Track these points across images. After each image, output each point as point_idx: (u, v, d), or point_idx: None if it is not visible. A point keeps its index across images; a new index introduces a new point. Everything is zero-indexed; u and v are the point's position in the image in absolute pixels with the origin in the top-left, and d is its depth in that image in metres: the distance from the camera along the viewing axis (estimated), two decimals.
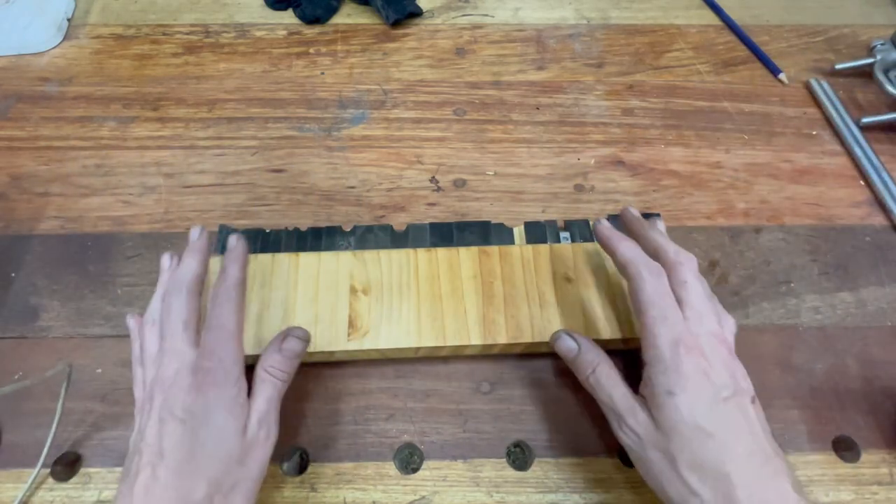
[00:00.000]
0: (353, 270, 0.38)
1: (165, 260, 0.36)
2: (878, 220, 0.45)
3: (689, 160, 0.48)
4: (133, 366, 0.33)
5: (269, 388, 0.31)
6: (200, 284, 0.33)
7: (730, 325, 0.32)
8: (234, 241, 0.35)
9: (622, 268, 0.32)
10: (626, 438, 0.30)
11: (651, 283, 0.30)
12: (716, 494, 0.26)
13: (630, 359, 0.38)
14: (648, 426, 0.29)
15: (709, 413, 0.28)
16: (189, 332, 0.31)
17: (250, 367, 0.32)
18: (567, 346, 0.34)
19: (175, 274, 0.33)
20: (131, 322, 0.35)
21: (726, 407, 0.28)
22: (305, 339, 0.34)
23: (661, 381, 0.29)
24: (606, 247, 0.34)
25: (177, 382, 0.29)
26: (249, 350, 0.34)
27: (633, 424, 0.29)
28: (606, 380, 0.31)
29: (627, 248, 0.32)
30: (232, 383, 0.30)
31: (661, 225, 0.38)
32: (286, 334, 0.33)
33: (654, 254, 0.33)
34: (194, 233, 0.35)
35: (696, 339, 0.29)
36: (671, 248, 0.32)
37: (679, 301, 0.31)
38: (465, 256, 0.39)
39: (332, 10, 0.58)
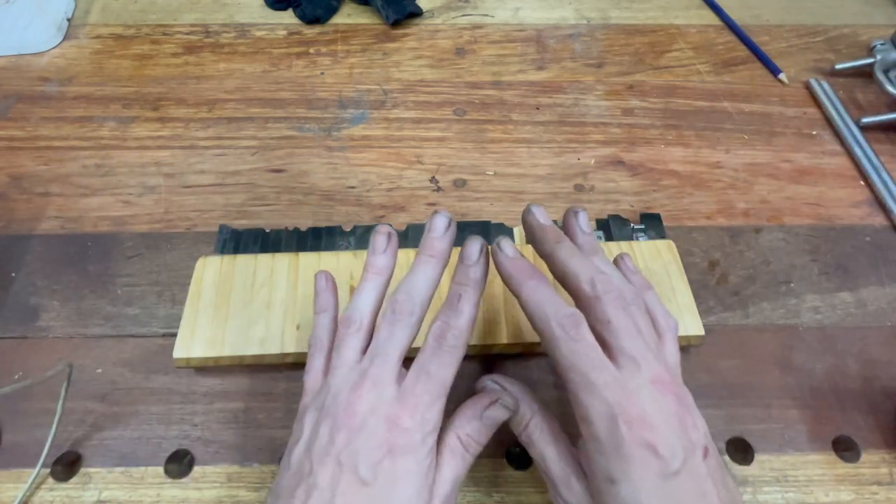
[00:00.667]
0: (353, 270, 0.38)
1: (380, 241, 0.29)
2: (878, 220, 0.45)
3: (689, 160, 0.48)
4: (311, 349, 0.29)
5: (459, 464, 0.26)
6: (430, 302, 0.28)
7: (670, 349, 0.28)
8: (476, 252, 0.28)
9: (528, 317, 0.26)
10: None
11: (565, 343, 0.25)
12: None
13: None
14: (584, 500, 0.25)
15: (656, 495, 0.23)
16: (400, 364, 0.27)
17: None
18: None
19: (408, 283, 0.28)
20: (322, 282, 0.30)
21: (677, 481, 0.23)
22: (513, 409, 0.28)
23: (601, 465, 0.24)
24: (509, 286, 0.28)
25: (368, 428, 0.24)
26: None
27: (566, 495, 0.26)
28: (539, 435, 0.27)
29: (532, 292, 0.26)
30: (427, 452, 0.25)
31: (583, 220, 0.31)
32: (491, 400, 0.28)
33: (564, 283, 0.27)
34: (439, 225, 0.29)
35: (636, 401, 0.24)
36: (584, 277, 0.26)
37: (606, 346, 0.25)
38: None
39: (332, 10, 0.58)
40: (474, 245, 0.28)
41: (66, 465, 0.34)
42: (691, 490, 0.23)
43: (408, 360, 0.27)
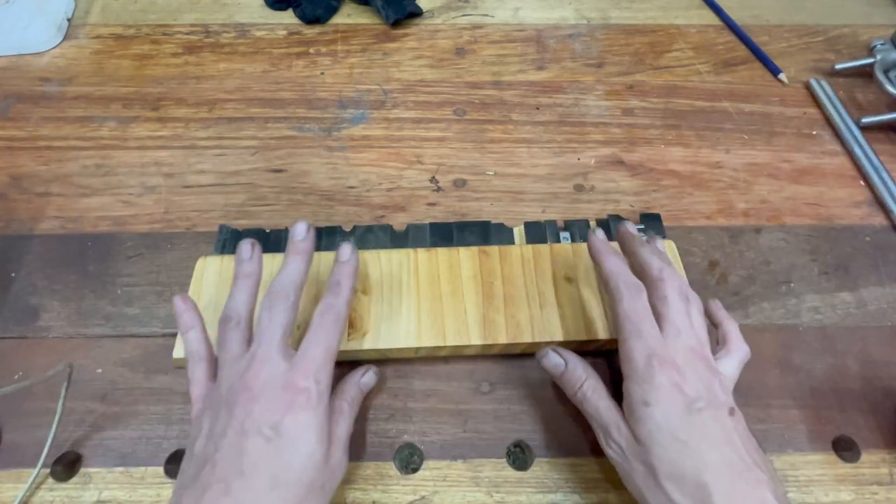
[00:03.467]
0: None
1: (245, 249, 0.33)
2: (878, 220, 0.45)
3: (689, 160, 0.48)
4: (190, 363, 0.32)
5: (347, 420, 0.31)
6: (302, 290, 0.32)
7: (741, 353, 0.33)
8: (348, 252, 0.33)
9: (605, 282, 0.33)
10: (610, 451, 0.30)
11: (628, 300, 0.31)
12: (694, 503, 0.27)
13: None
14: (630, 438, 0.29)
15: (683, 423, 0.28)
16: (284, 342, 0.30)
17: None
18: (554, 363, 0.34)
19: (281, 275, 0.31)
20: (180, 304, 0.33)
21: (701, 417, 0.28)
22: (379, 375, 0.36)
23: (637, 393, 0.29)
24: (595, 259, 0.34)
25: (265, 395, 0.28)
26: None
27: (616, 437, 0.30)
28: (593, 394, 0.32)
29: (613, 264, 0.33)
30: (324, 408, 0.29)
31: (660, 244, 0.38)
32: (366, 369, 0.35)
33: (640, 270, 0.33)
34: (300, 230, 0.33)
35: (671, 353, 0.29)
36: (655, 266, 0.32)
37: (659, 317, 0.31)
38: (465, 256, 0.39)
39: (332, 10, 0.58)
40: (346, 247, 0.33)
41: (66, 465, 0.34)
42: (715, 430, 0.28)
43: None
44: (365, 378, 0.35)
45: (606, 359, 0.38)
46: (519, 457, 0.35)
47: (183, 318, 0.32)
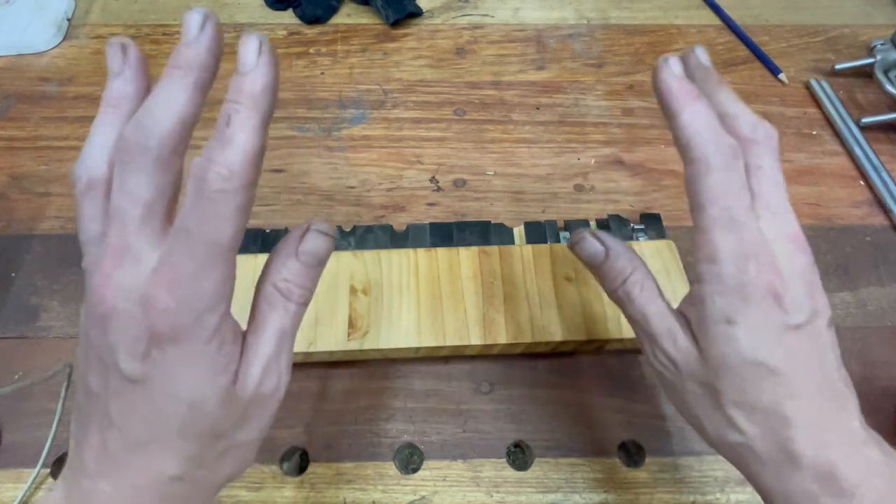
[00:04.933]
0: (353, 270, 0.38)
1: (114, 54, 0.22)
2: (878, 220, 0.45)
3: None
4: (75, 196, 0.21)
5: (281, 316, 0.22)
6: (186, 140, 0.20)
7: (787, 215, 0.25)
8: (255, 74, 0.21)
9: (683, 143, 0.23)
10: (658, 365, 0.25)
11: (719, 173, 0.22)
12: (765, 433, 0.22)
13: (629, 360, 0.38)
14: (690, 355, 0.23)
15: (776, 347, 0.22)
16: (153, 223, 0.19)
17: None
18: (593, 249, 0.27)
19: (141, 113, 0.19)
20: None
21: (798, 337, 0.22)
22: (332, 233, 0.23)
23: (719, 305, 0.22)
24: (668, 105, 0.23)
25: (120, 315, 0.18)
26: None
27: (669, 350, 0.24)
28: (641, 293, 0.25)
29: (697, 115, 0.22)
30: (208, 335, 0.19)
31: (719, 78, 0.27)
32: (305, 229, 0.23)
33: (723, 123, 0.23)
34: (193, 22, 0.20)
35: (771, 250, 0.22)
36: (747, 119, 0.23)
37: (750, 193, 0.23)
38: (465, 256, 0.39)
39: (332, 10, 0.58)
40: (251, 42, 0.20)
41: None
42: (812, 352, 0.22)
43: None
44: (308, 245, 0.22)
45: (608, 359, 0.38)
46: (519, 457, 0.35)
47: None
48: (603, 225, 0.43)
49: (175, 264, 0.18)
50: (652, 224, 0.43)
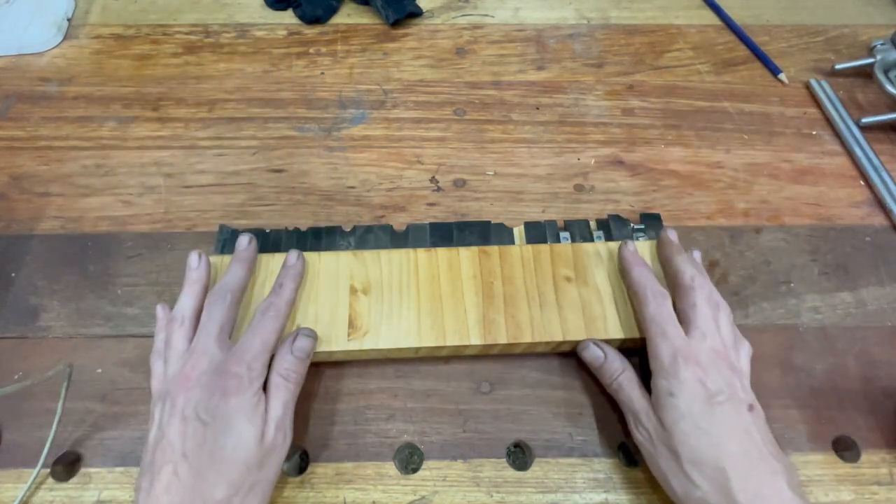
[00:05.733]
0: (353, 270, 0.38)
1: (193, 259, 0.36)
2: (878, 220, 0.45)
3: (689, 160, 0.48)
4: (152, 359, 0.34)
5: (283, 393, 0.32)
6: (243, 292, 0.35)
7: (745, 349, 0.34)
8: (294, 258, 0.37)
9: (633, 290, 0.36)
10: (639, 436, 0.33)
11: (653, 305, 0.34)
12: (714, 486, 0.29)
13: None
14: (657, 425, 0.32)
15: (704, 413, 0.30)
16: (223, 337, 0.33)
17: None
18: (594, 354, 0.36)
19: (223, 279, 0.35)
20: (161, 311, 0.36)
21: (721, 409, 0.30)
22: (314, 336, 0.35)
23: (663, 385, 0.32)
24: (624, 268, 0.37)
25: (201, 383, 0.30)
26: None
27: (645, 423, 0.32)
28: (628, 384, 0.34)
29: (640, 273, 0.36)
30: (253, 392, 0.31)
31: (697, 256, 0.40)
32: (296, 334, 0.34)
33: (673, 277, 0.36)
34: (243, 241, 0.37)
35: (695, 353, 0.32)
36: (688, 274, 0.35)
37: (686, 322, 0.33)
38: (465, 256, 0.39)
39: (332, 10, 0.58)
40: (293, 253, 0.37)
41: (66, 465, 0.34)
42: (734, 422, 0.30)
43: None
44: (297, 343, 0.34)
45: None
46: (519, 457, 0.35)
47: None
48: (603, 225, 0.43)
49: (243, 350, 0.32)
50: (652, 224, 0.43)
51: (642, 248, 0.40)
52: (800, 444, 0.36)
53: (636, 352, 0.37)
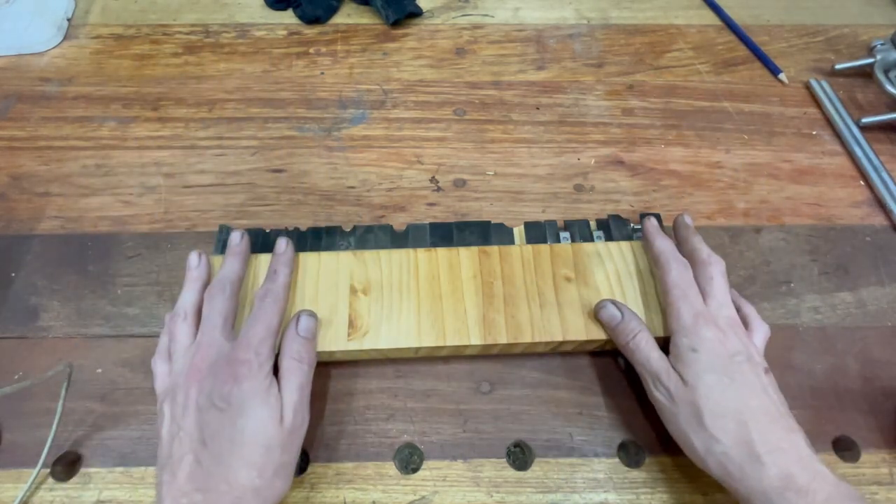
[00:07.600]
0: (353, 270, 0.38)
1: (193, 259, 0.37)
2: (878, 220, 0.45)
3: (689, 160, 0.48)
4: (154, 360, 0.34)
5: (298, 376, 0.32)
6: (240, 284, 0.36)
7: (763, 330, 0.35)
8: (283, 245, 0.37)
9: (655, 258, 0.37)
10: (659, 395, 0.33)
11: (676, 270, 0.36)
12: (735, 440, 0.30)
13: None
14: (678, 382, 0.32)
15: (728, 366, 0.32)
16: (227, 327, 0.33)
17: None
18: (611, 314, 0.36)
19: (220, 273, 0.35)
20: (169, 318, 0.36)
21: (741, 366, 0.32)
22: (315, 315, 0.35)
23: (685, 343, 0.33)
24: (646, 238, 0.39)
25: (213, 372, 0.31)
26: None
27: (665, 382, 0.33)
28: (645, 344, 0.34)
29: (662, 242, 0.37)
30: (264, 375, 0.31)
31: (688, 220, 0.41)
32: (297, 317, 0.35)
33: (690, 254, 0.37)
34: (235, 237, 0.37)
35: (713, 316, 0.34)
36: (705, 251, 0.37)
37: (704, 293, 0.35)
38: (465, 256, 0.39)
39: (332, 10, 0.58)
40: (282, 241, 0.38)
41: (66, 465, 0.34)
42: (753, 379, 0.32)
43: None
44: (301, 325, 0.34)
45: (608, 359, 0.38)
46: (519, 457, 0.35)
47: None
48: (603, 225, 0.43)
49: (249, 337, 0.32)
50: None
51: (640, 249, 0.40)
52: None
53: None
